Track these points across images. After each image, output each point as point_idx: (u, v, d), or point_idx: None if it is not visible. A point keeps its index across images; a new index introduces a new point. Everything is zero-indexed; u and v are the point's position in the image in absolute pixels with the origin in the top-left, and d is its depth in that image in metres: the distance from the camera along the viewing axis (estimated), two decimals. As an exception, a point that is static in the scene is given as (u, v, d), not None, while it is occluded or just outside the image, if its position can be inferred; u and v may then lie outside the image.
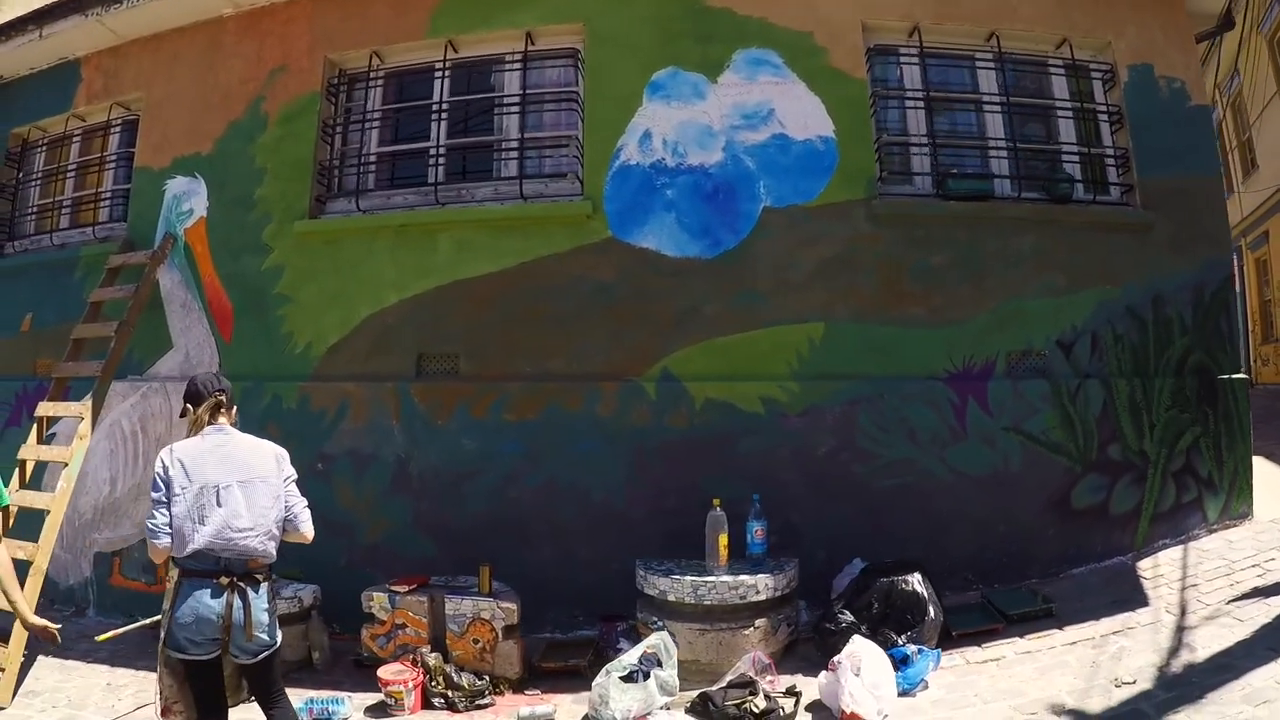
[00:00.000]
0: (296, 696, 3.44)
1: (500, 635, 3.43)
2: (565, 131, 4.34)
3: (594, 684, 3.05)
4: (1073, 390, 3.96)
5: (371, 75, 4.62)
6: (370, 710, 3.37)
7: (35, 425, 4.47)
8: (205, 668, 2.43)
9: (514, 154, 4.32)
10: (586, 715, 3.08)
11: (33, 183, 5.68)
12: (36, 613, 2.95)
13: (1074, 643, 3.33)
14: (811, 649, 3.48)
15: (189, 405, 2.60)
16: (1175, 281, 4.08)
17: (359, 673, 3.72)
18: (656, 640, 3.15)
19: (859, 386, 3.91)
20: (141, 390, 4.75)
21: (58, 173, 5.49)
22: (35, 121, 5.52)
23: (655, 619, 3.40)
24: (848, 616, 3.31)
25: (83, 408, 4.28)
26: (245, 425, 4.33)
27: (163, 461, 2.44)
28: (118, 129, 5.33)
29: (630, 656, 3.09)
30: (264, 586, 2.49)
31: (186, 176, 4.83)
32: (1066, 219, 4.08)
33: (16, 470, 4.33)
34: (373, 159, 4.54)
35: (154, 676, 3.97)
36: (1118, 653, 3.19)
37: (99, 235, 5.21)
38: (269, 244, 4.51)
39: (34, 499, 4.18)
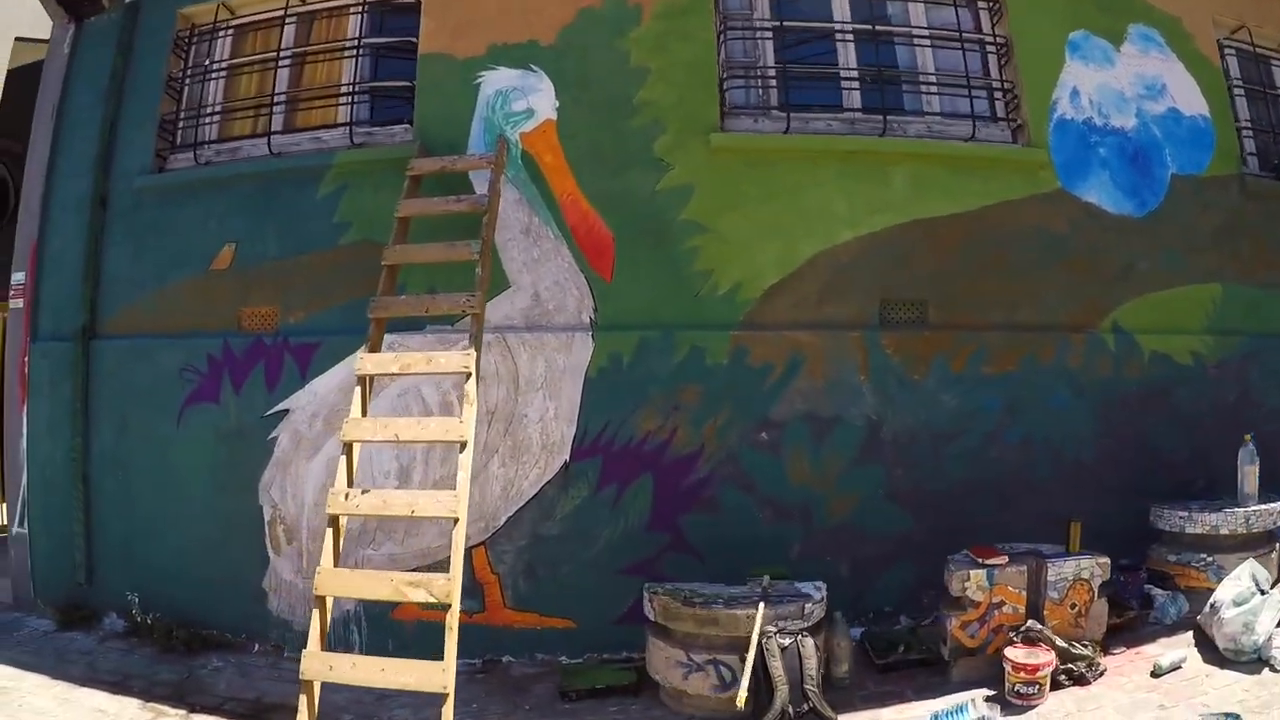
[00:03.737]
0: (900, 714, 2.63)
1: (1095, 594, 2.91)
2: (972, 74, 3.80)
3: (1226, 617, 2.78)
4: (1368, 348, 4.41)
5: (753, -16, 3.70)
6: (992, 702, 2.65)
7: (360, 389, 2.87)
8: None
9: (933, 89, 3.71)
10: (1222, 649, 2.78)
11: (212, 77, 3.80)
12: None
13: None
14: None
15: None
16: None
17: (891, 679, 2.93)
18: (1247, 568, 2.97)
19: (1248, 342, 3.93)
20: (459, 345, 3.27)
21: (273, 63, 3.71)
22: (221, -1, 3.67)
23: (1203, 556, 3.20)
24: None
25: (464, 359, 2.81)
26: (647, 384, 3.30)
27: None
28: (358, 9, 3.70)
29: (1239, 585, 2.86)
30: None
31: (516, 69, 3.47)
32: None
33: (342, 461, 2.73)
34: (772, 74, 3.62)
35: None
36: None
37: (356, 139, 3.55)
38: (664, 159, 3.38)
39: (420, 502, 2.63)
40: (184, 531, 3.64)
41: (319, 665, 2.37)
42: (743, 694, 2.39)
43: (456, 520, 2.49)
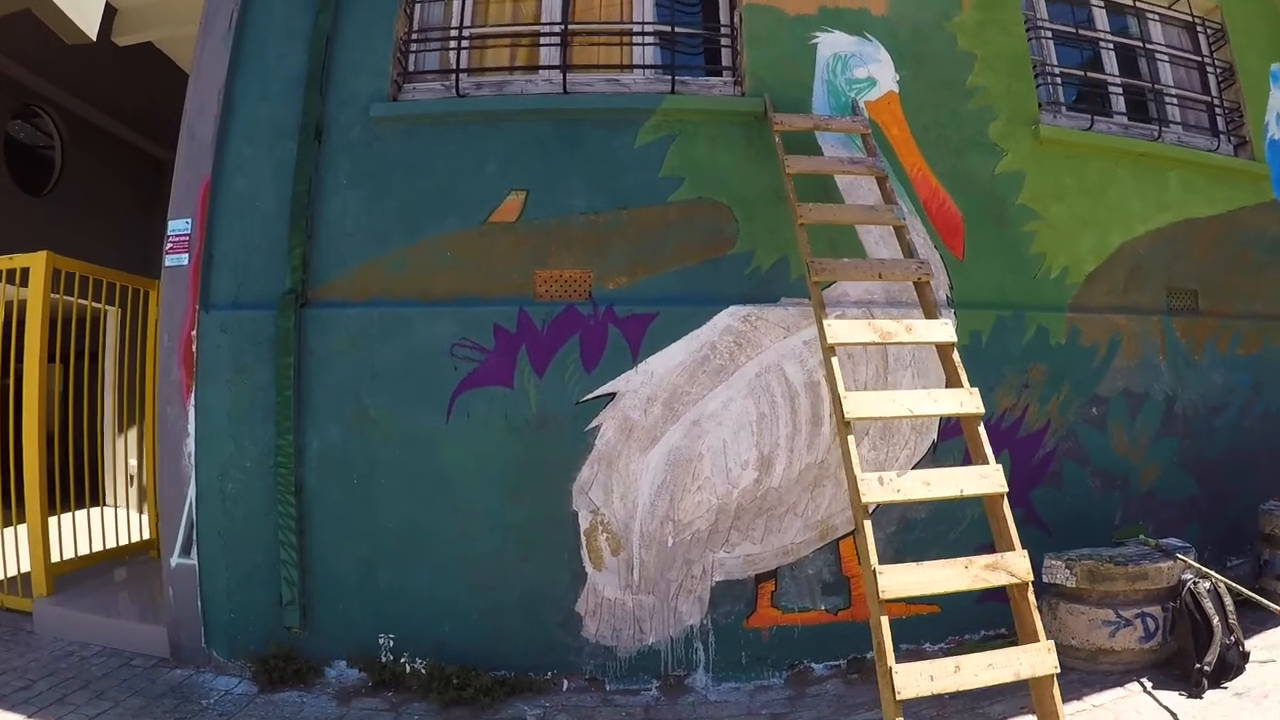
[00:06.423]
0: (1265, 640, 2.96)
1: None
2: (1195, 90, 4.22)
3: None
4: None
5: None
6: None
7: (834, 362, 2.54)
8: None
9: (1174, 102, 4.07)
10: None
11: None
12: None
13: None
14: None
15: None
16: None
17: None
18: None
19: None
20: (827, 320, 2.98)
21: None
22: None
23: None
24: None
25: (947, 329, 2.70)
26: (1002, 363, 3.29)
27: None
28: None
29: None
30: None
31: (852, 34, 3.29)
32: None
33: (851, 443, 2.40)
34: (1057, 73, 3.76)
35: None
36: None
37: (677, 87, 3.14)
38: (999, 144, 3.39)
39: (964, 480, 2.37)
40: (459, 550, 2.98)
41: (916, 679, 2.05)
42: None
43: (1004, 495, 2.36)
